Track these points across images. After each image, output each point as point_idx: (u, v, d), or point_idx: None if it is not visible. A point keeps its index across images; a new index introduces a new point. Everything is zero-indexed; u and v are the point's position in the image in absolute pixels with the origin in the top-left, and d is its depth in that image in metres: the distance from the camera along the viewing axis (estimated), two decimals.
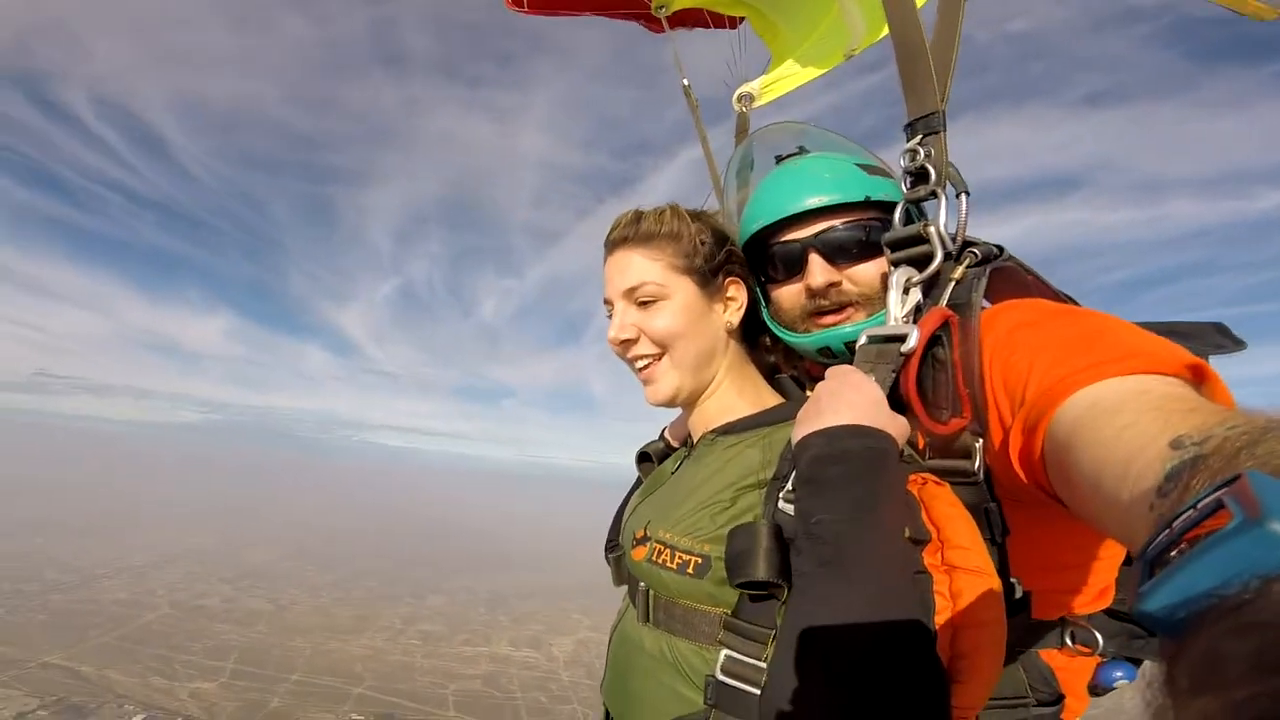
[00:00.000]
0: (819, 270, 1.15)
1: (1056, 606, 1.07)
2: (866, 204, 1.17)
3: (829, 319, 1.18)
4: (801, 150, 1.30)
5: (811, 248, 1.16)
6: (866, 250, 1.16)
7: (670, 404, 1.13)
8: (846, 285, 1.17)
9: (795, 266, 1.19)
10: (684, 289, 1.09)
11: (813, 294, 1.17)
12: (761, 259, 1.24)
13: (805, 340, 1.20)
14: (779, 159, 1.30)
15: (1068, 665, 1.10)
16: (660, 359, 1.10)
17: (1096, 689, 1.20)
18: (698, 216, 1.15)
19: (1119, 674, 1.19)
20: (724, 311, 1.14)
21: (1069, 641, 1.06)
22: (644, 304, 1.09)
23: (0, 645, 57.89)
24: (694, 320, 1.09)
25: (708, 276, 1.11)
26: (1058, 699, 1.08)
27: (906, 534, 0.78)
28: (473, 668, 70.89)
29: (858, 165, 1.21)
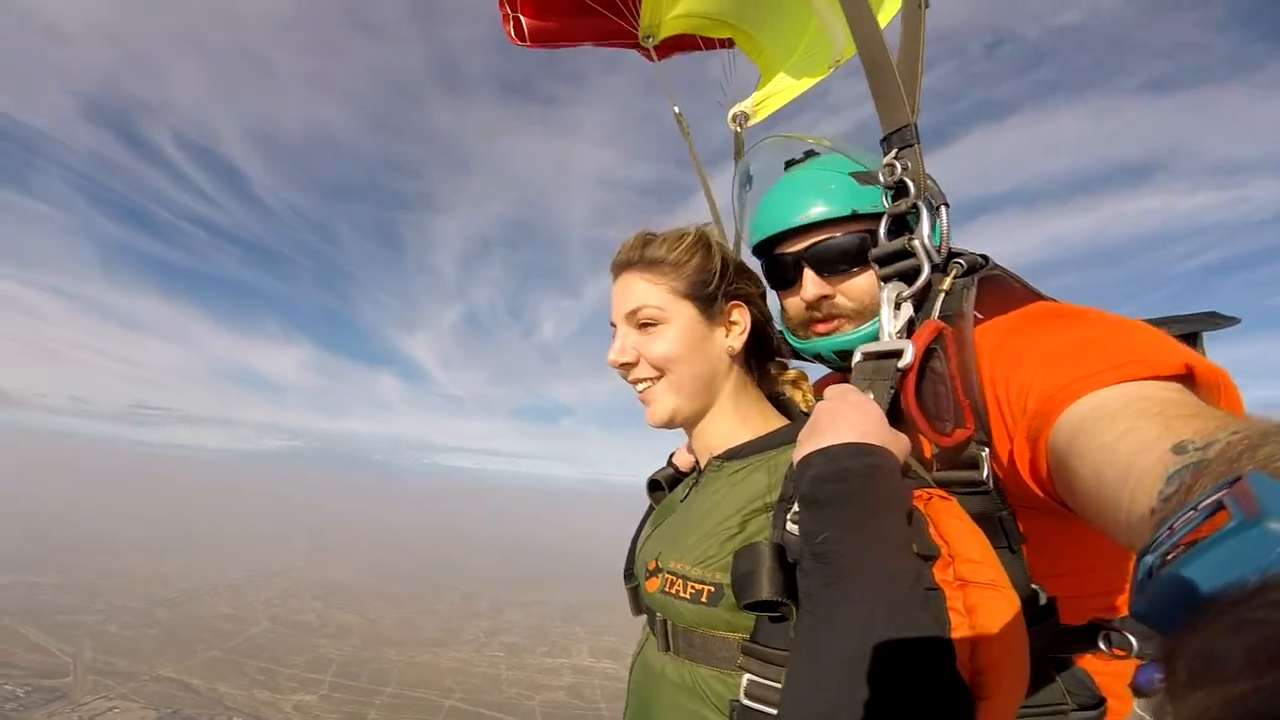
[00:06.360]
0: (811, 284, 1.23)
1: (1084, 610, 1.04)
2: (854, 217, 1.20)
3: (820, 328, 1.26)
4: (809, 155, 1.33)
5: (804, 261, 1.23)
6: (857, 262, 1.20)
7: (668, 425, 1.12)
8: (840, 299, 1.23)
9: (793, 278, 1.26)
10: (683, 313, 1.09)
11: (808, 305, 1.25)
12: (768, 268, 1.31)
13: (804, 346, 1.30)
14: (788, 164, 1.35)
15: (1105, 669, 1.07)
16: (658, 381, 1.10)
17: (1139, 690, 1.19)
18: (702, 238, 1.13)
19: (1158, 675, 1.19)
20: (725, 336, 1.12)
21: (1103, 645, 1.03)
22: (644, 327, 1.10)
23: (115, 658, 60.91)
24: (693, 344, 1.08)
25: (709, 300, 1.10)
26: (1098, 703, 1.04)
27: (915, 550, 0.76)
28: (556, 679, 70.43)
29: (852, 175, 1.23)
